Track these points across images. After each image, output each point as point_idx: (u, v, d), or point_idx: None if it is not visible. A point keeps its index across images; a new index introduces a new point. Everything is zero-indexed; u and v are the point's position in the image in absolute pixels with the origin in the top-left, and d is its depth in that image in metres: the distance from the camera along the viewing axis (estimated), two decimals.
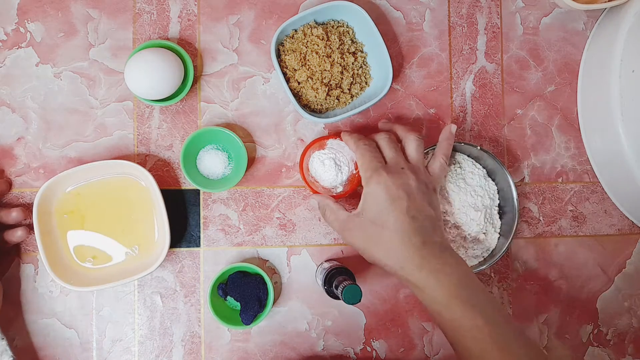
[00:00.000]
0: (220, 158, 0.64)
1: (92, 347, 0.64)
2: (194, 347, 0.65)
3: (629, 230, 0.72)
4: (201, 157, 0.64)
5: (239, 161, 0.63)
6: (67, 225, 0.62)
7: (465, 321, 0.51)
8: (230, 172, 0.64)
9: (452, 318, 0.52)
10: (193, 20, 0.67)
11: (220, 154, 0.64)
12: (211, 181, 0.64)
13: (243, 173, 0.62)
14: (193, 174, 0.63)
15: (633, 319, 0.72)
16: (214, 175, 0.64)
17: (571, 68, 0.71)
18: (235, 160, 0.64)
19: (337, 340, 0.67)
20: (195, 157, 0.64)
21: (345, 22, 0.66)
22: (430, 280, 0.52)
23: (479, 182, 0.65)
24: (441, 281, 0.52)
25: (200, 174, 0.64)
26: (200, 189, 0.63)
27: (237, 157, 0.64)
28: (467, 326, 0.51)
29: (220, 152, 0.64)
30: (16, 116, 0.64)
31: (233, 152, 0.64)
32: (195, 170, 0.64)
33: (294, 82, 0.64)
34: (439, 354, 0.68)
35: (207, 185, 0.63)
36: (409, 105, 0.69)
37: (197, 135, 0.62)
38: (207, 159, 0.64)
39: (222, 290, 0.63)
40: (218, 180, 0.64)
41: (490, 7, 0.70)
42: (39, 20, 0.65)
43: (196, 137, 0.62)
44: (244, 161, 0.62)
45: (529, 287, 0.70)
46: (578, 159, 0.71)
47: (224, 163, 0.64)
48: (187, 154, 0.63)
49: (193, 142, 0.62)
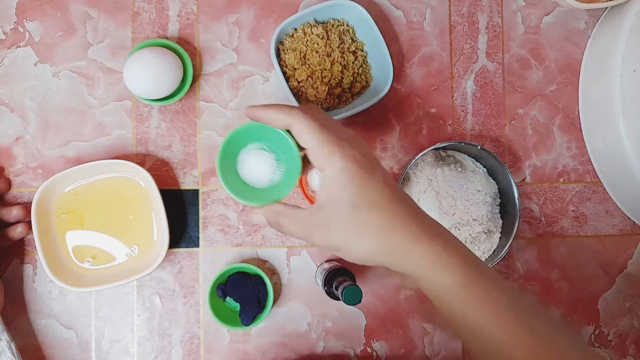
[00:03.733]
0: (267, 161, 0.48)
1: (90, 348, 0.64)
2: (193, 348, 0.65)
3: (631, 230, 0.72)
4: (243, 159, 0.48)
5: (291, 165, 0.46)
6: (65, 225, 0.62)
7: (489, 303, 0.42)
8: (280, 180, 0.48)
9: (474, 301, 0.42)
10: (192, 19, 0.66)
11: (268, 155, 0.48)
12: (255, 190, 0.48)
13: (296, 181, 0.46)
14: (231, 180, 0.47)
15: (634, 320, 0.71)
16: (260, 182, 0.48)
17: (572, 67, 0.71)
18: (286, 164, 0.47)
19: (337, 341, 0.67)
20: (235, 160, 0.48)
21: (345, 21, 0.66)
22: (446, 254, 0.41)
23: (479, 181, 0.65)
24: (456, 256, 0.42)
25: (241, 179, 0.48)
26: (241, 201, 0.47)
27: (289, 160, 0.47)
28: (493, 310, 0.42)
29: (268, 153, 0.48)
30: (15, 116, 0.64)
31: (283, 153, 0.47)
32: (234, 175, 0.48)
33: (294, 81, 0.64)
34: (440, 355, 0.68)
35: (250, 195, 0.47)
36: (410, 105, 0.69)
37: (237, 133, 0.46)
38: (251, 162, 0.48)
39: (222, 291, 0.63)
40: (264, 189, 0.48)
41: (491, 6, 0.70)
42: (37, 19, 0.65)
43: (235, 136, 0.46)
44: (297, 165, 0.45)
45: (530, 287, 0.70)
46: (579, 158, 0.71)
47: (271, 167, 0.47)
48: (225, 157, 0.47)
49: (231, 142, 0.47)
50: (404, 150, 0.68)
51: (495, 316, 0.42)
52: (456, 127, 0.69)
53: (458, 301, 0.42)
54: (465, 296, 0.42)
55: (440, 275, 0.41)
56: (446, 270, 0.41)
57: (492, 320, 0.42)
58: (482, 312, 0.42)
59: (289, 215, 0.44)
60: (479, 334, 0.42)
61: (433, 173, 0.64)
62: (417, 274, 0.42)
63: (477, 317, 0.42)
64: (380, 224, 0.41)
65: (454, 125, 0.69)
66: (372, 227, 0.41)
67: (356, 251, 0.42)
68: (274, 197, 0.46)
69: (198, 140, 0.66)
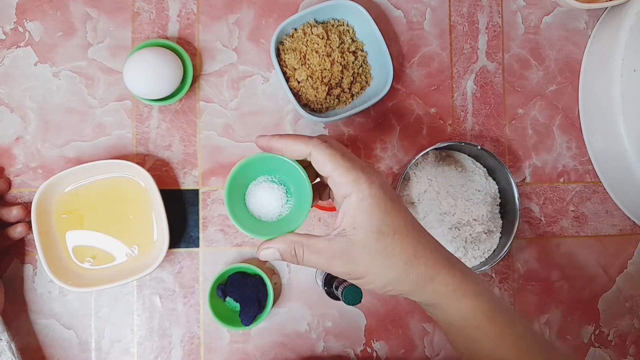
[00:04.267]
0: (277, 194, 0.47)
1: (90, 348, 0.64)
2: (193, 348, 0.65)
3: (631, 230, 0.72)
4: (252, 192, 0.47)
5: (301, 197, 0.46)
6: (65, 225, 0.62)
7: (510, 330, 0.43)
8: (289, 212, 0.47)
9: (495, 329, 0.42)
10: (192, 19, 0.66)
11: (277, 188, 0.47)
12: (264, 224, 0.47)
13: (307, 213, 0.45)
14: (239, 212, 0.47)
15: (634, 320, 0.71)
16: (268, 215, 0.47)
17: (572, 67, 0.71)
18: (295, 197, 0.47)
19: (337, 341, 0.67)
20: (243, 192, 0.48)
21: (345, 21, 0.66)
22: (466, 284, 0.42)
23: (479, 181, 0.65)
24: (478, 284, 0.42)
25: (249, 213, 0.48)
26: (252, 235, 0.46)
27: (299, 193, 0.47)
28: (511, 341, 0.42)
29: (277, 186, 0.47)
30: (15, 116, 0.64)
31: (292, 184, 0.47)
32: (242, 207, 0.47)
33: (294, 81, 0.63)
34: (440, 355, 0.68)
35: (259, 229, 0.46)
36: (410, 105, 0.69)
37: (246, 164, 0.45)
38: (260, 195, 0.47)
39: (222, 291, 0.63)
40: (273, 222, 0.48)
41: (491, 6, 0.70)
42: (37, 19, 0.65)
43: (245, 166, 0.45)
44: (307, 196, 0.45)
45: (530, 287, 0.70)
46: (579, 158, 0.71)
47: (281, 200, 0.47)
48: (233, 189, 0.46)
49: (240, 173, 0.46)
50: (404, 150, 0.68)
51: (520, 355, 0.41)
52: (456, 127, 0.69)
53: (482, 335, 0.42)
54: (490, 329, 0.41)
55: (463, 303, 0.41)
56: (468, 299, 0.41)
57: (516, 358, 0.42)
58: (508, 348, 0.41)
59: (306, 244, 0.43)
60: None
61: (433, 173, 0.64)
62: (437, 302, 0.42)
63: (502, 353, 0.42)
64: (405, 252, 0.41)
65: (454, 125, 0.69)
66: (396, 255, 0.41)
67: (380, 279, 0.41)
68: (283, 230, 0.45)
69: (198, 140, 0.66)
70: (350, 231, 0.41)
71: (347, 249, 0.41)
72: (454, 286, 0.41)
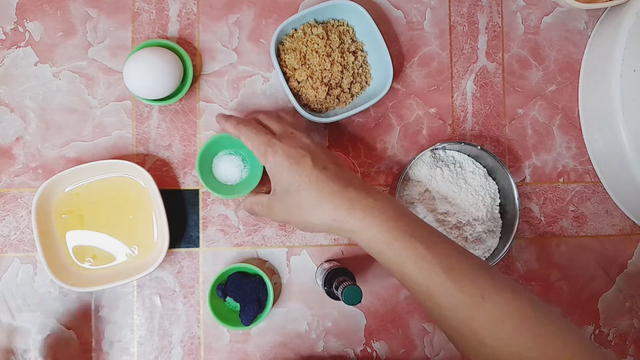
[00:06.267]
0: (235, 163, 0.63)
1: (90, 348, 0.64)
2: (193, 348, 0.65)
3: (631, 230, 0.72)
4: (216, 164, 0.64)
5: (255, 162, 0.64)
6: (66, 225, 0.62)
7: (408, 252, 0.48)
8: (248, 175, 0.64)
9: (394, 253, 0.48)
10: (192, 19, 0.66)
11: (235, 158, 0.64)
12: (230, 187, 0.64)
13: (261, 174, 0.63)
14: (210, 182, 0.63)
15: (634, 320, 0.71)
16: (232, 180, 0.64)
17: (572, 67, 0.71)
18: (250, 163, 0.64)
19: (337, 341, 0.67)
20: (210, 166, 0.64)
21: (345, 21, 0.66)
22: (366, 220, 0.49)
23: (479, 181, 0.65)
24: (377, 217, 0.49)
25: (218, 181, 0.64)
26: (221, 197, 0.63)
27: (252, 159, 0.64)
28: (411, 257, 0.48)
29: (234, 157, 0.64)
30: (15, 116, 0.64)
31: (247, 154, 0.64)
32: (212, 178, 0.64)
33: (294, 82, 0.64)
34: (440, 355, 0.68)
35: (227, 191, 0.63)
36: (410, 105, 0.69)
37: (209, 144, 0.62)
38: (222, 166, 0.64)
39: (222, 291, 0.63)
40: (237, 184, 0.64)
41: (491, 6, 0.70)
42: (37, 19, 0.65)
43: (209, 146, 0.62)
44: (259, 163, 0.63)
45: (530, 287, 0.70)
46: (579, 158, 0.71)
47: (239, 167, 0.64)
48: (202, 164, 0.63)
49: (206, 151, 0.62)
50: (404, 150, 0.68)
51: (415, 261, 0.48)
52: (456, 127, 0.69)
53: (386, 258, 0.49)
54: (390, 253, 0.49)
55: (364, 235, 0.49)
56: (367, 232, 0.49)
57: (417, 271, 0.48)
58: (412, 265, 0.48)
59: (255, 202, 0.57)
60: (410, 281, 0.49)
61: (433, 173, 0.64)
62: (349, 236, 0.51)
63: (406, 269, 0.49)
64: (309, 202, 0.51)
65: (454, 125, 0.69)
66: (302, 206, 0.51)
67: (298, 224, 0.53)
68: (245, 190, 0.63)
69: (198, 140, 0.66)
70: (274, 191, 0.55)
71: (275, 203, 0.55)
72: (354, 224, 0.49)
